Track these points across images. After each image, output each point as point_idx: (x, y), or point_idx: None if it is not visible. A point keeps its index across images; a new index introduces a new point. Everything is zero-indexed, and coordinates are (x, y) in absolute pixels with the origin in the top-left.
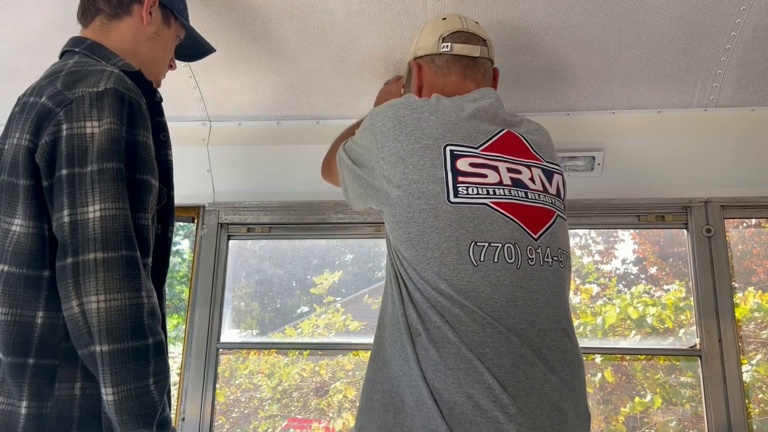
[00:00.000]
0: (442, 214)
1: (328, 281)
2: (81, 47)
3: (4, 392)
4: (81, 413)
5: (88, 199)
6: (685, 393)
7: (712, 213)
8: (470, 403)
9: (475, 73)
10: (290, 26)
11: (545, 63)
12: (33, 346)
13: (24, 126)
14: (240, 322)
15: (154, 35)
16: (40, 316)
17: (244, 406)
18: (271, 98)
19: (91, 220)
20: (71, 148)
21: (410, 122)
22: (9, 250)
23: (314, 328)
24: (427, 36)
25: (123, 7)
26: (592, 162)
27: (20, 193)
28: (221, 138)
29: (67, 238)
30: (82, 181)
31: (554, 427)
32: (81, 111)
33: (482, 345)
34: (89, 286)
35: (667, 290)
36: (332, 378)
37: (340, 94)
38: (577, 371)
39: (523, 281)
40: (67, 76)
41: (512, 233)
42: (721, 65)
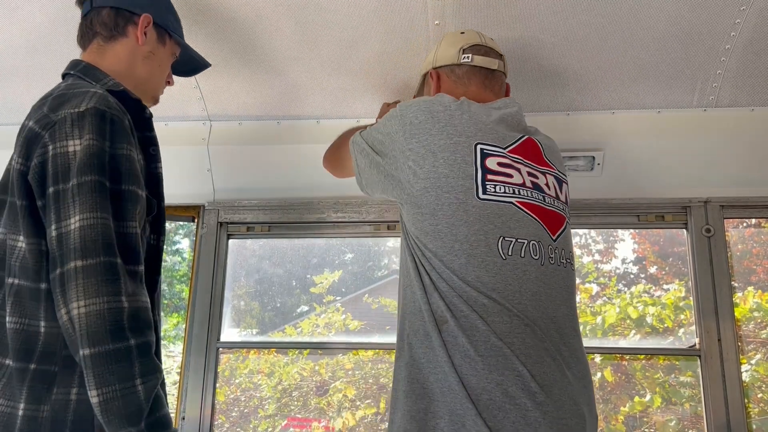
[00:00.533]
0: (471, 209)
1: (328, 280)
2: (76, 69)
3: (6, 395)
4: (75, 417)
5: (69, 212)
6: (684, 392)
7: (712, 213)
8: (499, 390)
9: (493, 84)
10: (290, 26)
11: (545, 63)
12: (36, 352)
13: (18, 149)
14: (240, 321)
15: (150, 54)
16: (43, 325)
17: (244, 405)
18: (271, 98)
19: (72, 231)
20: (56, 167)
21: (443, 118)
22: (16, 265)
23: (314, 328)
24: (447, 47)
25: (119, 29)
26: (592, 162)
27: (19, 212)
28: (221, 137)
29: (55, 251)
30: (65, 196)
31: (574, 420)
32: (63, 131)
33: (510, 335)
34: (72, 294)
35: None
36: (332, 377)
37: (340, 94)
38: (586, 369)
39: (546, 278)
40: (54, 99)
41: (537, 231)
42: (721, 65)
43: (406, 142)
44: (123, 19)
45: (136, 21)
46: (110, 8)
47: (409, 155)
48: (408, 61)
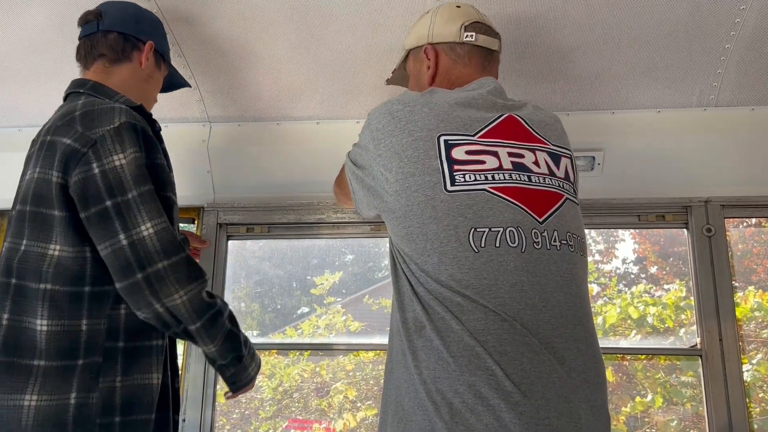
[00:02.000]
0: (439, 204)
1: (329, 282)
2: (85, 88)
3: (47, 390)
4: (122, 401)
5: (138, 220)
6: (685, 392)
7: (713, 212)
8: (471, 392)
9: (491, 66)
10: (289, 27)
11: (545, 62)
12: (81, 349)
13: (47, 162)
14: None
15: (148, 78)
16: (85, 323)
17: (244, 406)
18: (270, 99)
19: (146, 237)
20: (108, 182)
21: (403, 116)
22: (50, 272)
23: (315, 329)
24: (445, 22)
25: (125, 54)
26: (592, 162)
27: (55, 223)
28: (221, 139)
29: (129, 258)
30: (129, 207)
31: (561, 420)
32: (105, 148)
33: (485, 332)
34: (169, 288)
35: (668, 290)
36: (333, 378)
37: (340, 95)
38: (592, 362)
39: (529, 265)
40: (83, 117)
41: (514, 217)
42: (721, 65)
43: (375, 150)
44: (130, 45)
45: (141, 47)
46: (118, 33)
47: (379, 161)
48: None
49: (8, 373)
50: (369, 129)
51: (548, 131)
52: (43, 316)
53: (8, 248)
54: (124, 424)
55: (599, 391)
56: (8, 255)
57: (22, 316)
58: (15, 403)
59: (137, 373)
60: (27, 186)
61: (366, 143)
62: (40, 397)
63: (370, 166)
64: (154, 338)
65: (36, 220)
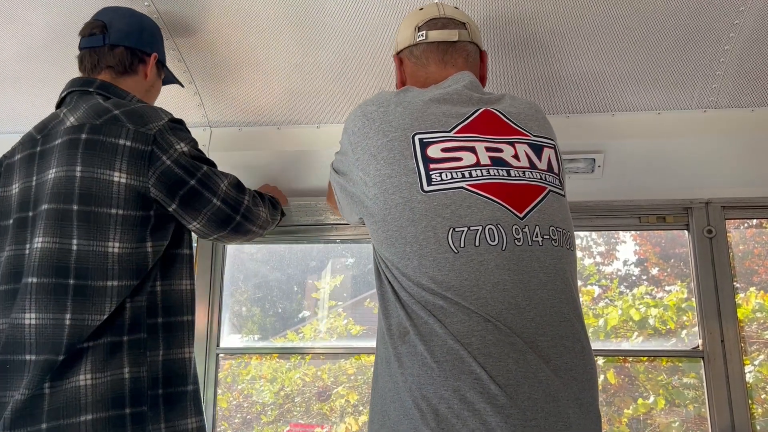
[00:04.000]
0: (417, 205)
1: (330, 285)
2: (93, 86)
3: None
4: (164, 374)
5: (217, 183)
6: (688, 394)
7: (713, 214)
8: (456, 397)
9: (456, 58)
10: (289, 32)
11: (545, 65)
12: (126, 326)
13: (96, 161)
14: (241, 327)
15: (151, 87)
16: (128, 302)
17: (246, 411)
18: (271, 103)
19: (227, 190)
20: (182, 166)
21: (377, 117)
22: (116, 268)
23: (316, 333)
24: (405, 28)
25: (132, 67)
26: (592, 164)
27: (117, 221)
28: (222, 143)
29: (225, 211)
30: (208, 177)
31: (548, 420)
32: (166, 140)
33: (468, 335)
34: (260, 210)
35: (669, 291)
36: (335, 382)
37: (340, 99)
38: (579, 359)
39: (511, 263)
40: (128, 116)
41: (493, 214)
42: (720, 66)
43: (353, 154)
44: (137, 59)
45: (146, 60)
46: (125, 48)
47: (357, 165)
48: None
49: (67, 366)
50: (346, 134)
51: (528, 122)
52: (110, 311)
53: (49, 248)
54: (166, 396)
55: (588, 389)
56: (57, 255)
57: (85, 314)
58: (72, 385)
59: (175, 347)
60: (64, 184)
61: (345, 149)
62: (94, 375)
63: (350, 171)
64: (185, 314)
65: (88, 219)
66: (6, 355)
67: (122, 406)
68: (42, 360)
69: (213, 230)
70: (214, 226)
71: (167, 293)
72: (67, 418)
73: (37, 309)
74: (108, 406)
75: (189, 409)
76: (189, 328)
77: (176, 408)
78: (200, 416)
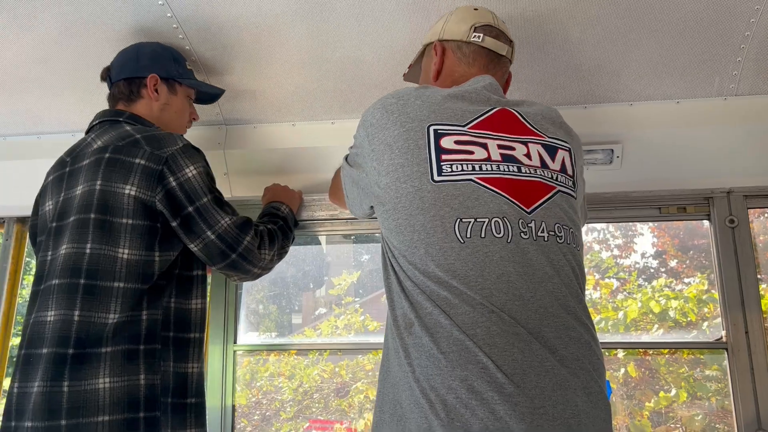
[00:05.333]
0: (426, 194)
1: (347, 282)
2: (123, 117)
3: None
4: (174, 384)
5: (217, 218)
6: (710, 387)
7: (735, 203)
8: (464, 387)
9: (497, 70)
10: (301, 29)
11: (561, 55)
12: (142, 336)
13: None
14: (258, 325)
15: (165, 105)
16: (145, 314)
17: (265, 408)
18: (285, 101)
19: (228, 225)
20: (185, 191)
21: (396, 109)
22: (123, 271)
23: (333, 329)
24: (458, 21)
25: (134, 94)
26: (610, 155)
27: (126, 230)
28: (237, 141)
29: (219, 246)
30: (206, 209)
31: (557, 408)
32: (177, 163)
33: (474, 326)
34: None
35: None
36: (353, 378)
37: (354, 94)
38: (585, 350)
39: (516, 255)
40: (148, 140)
41: (500, 207)
42: (741, 52)
43: (369, 145)
44: (135, 86)
45: (145, 83)
46: (123, 80)
47: (372, 156)
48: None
49: (82, 362)
50: (363, 126)
51: (544, 123)
52: (116, 310)
53: (69, 253)
54: (173, 405)
55: (595, 379)
56: (74, 258)
57: (92, 312)
58: (91, 387)
59: (181, 361)
60: (86, 197)
61: (361, 141)
62: (113, 378)
63: (364, 162)
64: (192, 331)
65: (102, 226)
66: (30, 349)
67: (137, 410)
68: (53, 353)
69: (209, 259)
70: (208, 256)
71: (179, 310)
72: (85, 417)
73: (55, 307)
74: (124, 408)
75: (189, 421)
76: (195, 345)
77: (178, 418)
78: (200, 428)
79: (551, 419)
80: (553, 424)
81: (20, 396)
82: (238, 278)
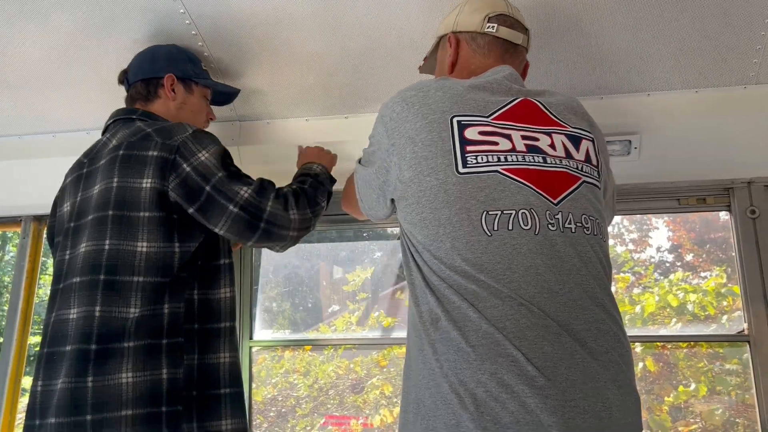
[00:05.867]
0: (451, 187)
1: (360, 278)
2: (137, 114)
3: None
4: (198, 376)
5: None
6: (730, 380)
7: (756, 193)
8: (494, 380)
9: (513, 59)
10: (314, 23)
11: (577, 45)
12: (164, 330)
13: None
14: (272, 322)
15: (182, 105)
16: (166, 308)
17: (281, 404)
18: (298, 96)
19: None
20: (200, 172)
21: (416, 101)
22: (142, 265)
23: (348, 325)
24: (471, 12)
25: (151, 95)
26: (628, 146)
27: (143, 223)
28: (251, 137)
29: (244, 218)
30: (223, 182)
31: (588, 400)
32: (188, 150)
33: (503, 319)
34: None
35: (705, 277)
36: (367, 375)
37: (367, 89)
38: (615, 343)
39: (544, 248)
40: (158, 132)
41: (527, 199)
42: (761, 40)
43: (389, 140)
44: (153, 86)
45: (162, 83)
46: (140, 81)
47: (393, 151)
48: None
49: (105, 358)
50: (382, 122)
51: (567, 114)
52: (136, 305)
53: (89, 250)
54: (200, 398)
55: (625, 371)
56: (93, 255)
57: (113, 307)
58: (115, 381)
59: (210, 352)
60: (103, 195)
61: (379, 138)
62: (135, 374)
63: (382, 160)
64: (222, 320)
65: (120, 222)
66: (53, 347)
67: (159, 404)
68: (76, 349)
69: (240, 237)
70: (238, 233)
71: (203, 302)
72: (109, 412)
73: (77, 304)
74: (146, 403)
75: (224, 412)
76: (226, 334)
77: (209, 409)
78: (238, 419)
79: (582, 412)
80: (584, 417)
81: (44, 394)
82: (279, 247)
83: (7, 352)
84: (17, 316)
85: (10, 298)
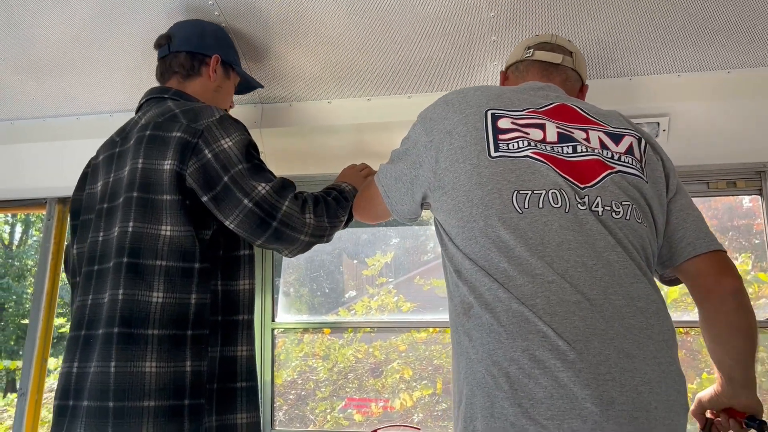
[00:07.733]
0: (484, 170)
1: (380, 262)
2: (169, 93)
3: (164, 358)
4: (220, 370)
5: (253, 184)
6: (757, 368)
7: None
8: (526, 356)
9: (553, 77)
10: (337, 4)
11: (605, 26)
12: (190, 321)
13: (154, 153)
14: (290, 308)
15: (218, 88)
16: (194, 297)
17: (300, 387)
18: (320, 78)
19: (265, 192)
20: (221, 161)
21: (456, 101)
22: (165, 249)
23: (367, 310)
24: (516, 50)
25: (195, 69)
26: (657, 128)
27: (164, 206)
28: (273, 120)
29: (258, 214)
30: (242, 175)
31: (624, 375)
32: (213, 135)
33: (533, 296)
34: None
35: None
36: (387, 359)
37: (390, 70)
38: (655, 320)
39: (575, 225)
40: (185, 113)
41: (556, 180)
42: None
43: (427, 137)
44: (198, 62)
45: (207, 62)
46: (186, 52)
47: (430, 146)
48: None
49: (127, 343)
50: (422, 122)
51: (607, 118)
52: (159, 289)
53: (120, 233)
54: (219, 391)
55: (666, 349)
56: (120, 238)
57: (135, 290)
58: (137, 369)
59: (229, 345)
60: (130, 176)
61: (416, 136)
62: (159, 363)
63: (417, 155)
64: (240, 313)
65: (145, 204)
66: (90, 330)
67: (182, 396)
68: (104, 333)
69: (249, 234)
70: (248, 230)
71: (226, 293)
72: (131, 401)
73: (109, 287)
74: (170, 395)
75: (240, 405)
76: (244, 327)
77: (227, 403)
78: (253, 413)
79: (619, 385)
80: (621, 391)
81: (79, 376)
82: (288, 251)
83: (33, 333)
84: (43, 297)
85: (36, 280)
